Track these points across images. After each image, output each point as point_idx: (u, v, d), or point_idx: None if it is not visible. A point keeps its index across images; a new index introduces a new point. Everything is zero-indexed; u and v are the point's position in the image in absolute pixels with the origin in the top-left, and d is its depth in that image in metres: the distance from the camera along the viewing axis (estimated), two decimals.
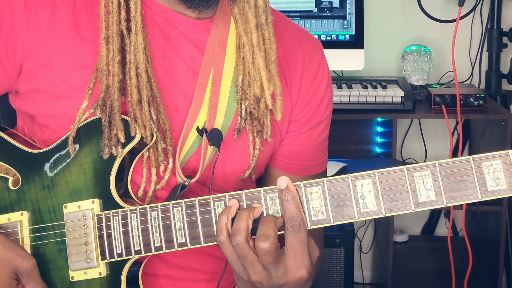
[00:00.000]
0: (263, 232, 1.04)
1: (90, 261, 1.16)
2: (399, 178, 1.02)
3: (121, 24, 1.17)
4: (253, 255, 1.05)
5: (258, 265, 1.06)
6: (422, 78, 2.64)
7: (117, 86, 1.16)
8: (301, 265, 1.06)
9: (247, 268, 1.07)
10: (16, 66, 1.21)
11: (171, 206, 1.12)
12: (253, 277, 1.07)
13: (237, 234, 1.05)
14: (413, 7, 2.66)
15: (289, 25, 1.36)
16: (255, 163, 1.28)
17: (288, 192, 1.05)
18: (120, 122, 1.16)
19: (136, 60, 1.16)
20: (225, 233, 1.06)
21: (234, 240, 1.05)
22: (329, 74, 1.36)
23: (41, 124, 1.23)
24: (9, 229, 1.20)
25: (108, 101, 1.17)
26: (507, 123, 2.39)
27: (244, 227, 1.05)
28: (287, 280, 1.06)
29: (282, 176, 1.07)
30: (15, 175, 1.22)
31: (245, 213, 1.06)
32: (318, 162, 1.38)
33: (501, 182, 0.99)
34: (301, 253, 1.05)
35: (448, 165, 1.01)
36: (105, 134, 1.16)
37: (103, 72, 1.17)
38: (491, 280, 2.60)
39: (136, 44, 1.16)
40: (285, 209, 1.05)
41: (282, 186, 1.06)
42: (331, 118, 1.40)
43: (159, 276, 1.26)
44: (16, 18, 1.19)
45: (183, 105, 1.22)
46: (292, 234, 1.05)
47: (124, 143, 1.16)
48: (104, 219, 1.16)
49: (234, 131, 1.24)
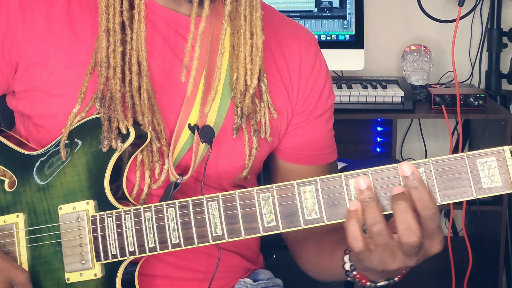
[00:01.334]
0: (407, 226, 0.98)
1: (85, 263, 1.16)
2: (393, 177, 1.01)
3: (123, 15, 1.16)
4: (393, 243, 1.00)
5: (399, 252, 1.01)
6: (422, 78, 2.64)
7: (119, 77, 1.16)
8: (436, 243, 1.02)
9: (386, 258, 1.02)
10: (12, 66, 1.21)
11: (164, 206, 1.12)
12: (392, 266, 1.02)
13: (377, 223, 1.00)
14: (413, 7, 2.65)
15: (284, 20, 1.37)
16: (252, 162, 1.28)
17: (415, 178, 0.98)
18: (122, 113, 1.16)
19: (138, 47, 1.16)
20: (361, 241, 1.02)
21: (376, 229, 1.00)
22: (326, 65, 1.37)
23: (36, 123, 1.23)
24: (5, 231, 1.20)
25: (108, 94, 1.17)
26: (507, 123, 2.38)
27: (381, 217, 1.00)
28: (423, 257, 1.03)
29: (404, 162, 0.99)
30: (11, 178, 1.22)
31: (374, 205, 1.01)
32: (328, 151, 1.38)
33: (496, 179, 0.98)
34: (437, 234, 1.01)
35: (442, 162, 1.00)
36: (104, 127, 1.16)
37: (103, 64, 1.16)
38: (491, 280, 2.59)
39: (138, 31, 1.15)
40: (415, 197, 0.98)
41: (407, 172, 0.99)
42: None
43: (156, 276, 1.26)
44: (12, 18, 1.19)
45: (177, 104, 1.22)
46: (429, 223, 0.99)
47: (123, 138, 1.16)
48: (99, 220, 1.15)
49: (233, 130, 1.24)
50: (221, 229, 1.09)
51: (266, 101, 1.27)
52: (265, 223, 1.07)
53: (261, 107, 1.26)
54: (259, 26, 1.21)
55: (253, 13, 1.21)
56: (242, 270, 1.39)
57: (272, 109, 1.28)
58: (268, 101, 1.27)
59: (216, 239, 1.09)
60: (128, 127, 1.16)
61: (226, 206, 1.09)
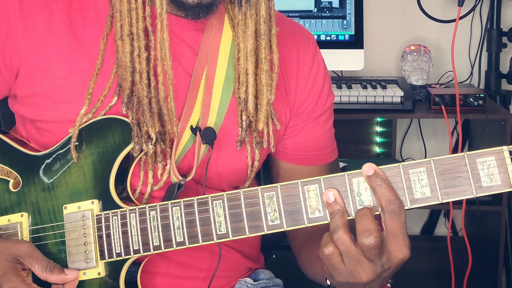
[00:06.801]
0: (364, 228, 1.01)
1: (89, 261, 1.17)
2: (395, 175, 1.03)
3: (146, 21, 1.17)
4: (356, 249, 1.02)
5: (364, 260, 1.03)
6: (421, 78, 2.65)
7: (146, 83, 1.17)
8: (402, 246, 1.03)
9: (354, 268, 1.03)
10: (13, 71, 1.21)
11: (169, 205, 1.13)
12: (364, 277, 1.04)
13: (336, 230, 1.02)
14: (412, 7, 2.66)
15: (281, 19, 1.36)
16: (254, 173, 1.29)
17: (377, 176, 1.02)
18: (150, 118, 1.17)
19: (162, 56, 1.16)
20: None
21: (335, 235, 1.02)
22: (324, 65, 1.38)
23: (40, 128, 1.23)
24: (9, 230, 1.21)
25: (135, 98, 1.18)
26: (507, 123, 2.38)
27: (344, 222, 1.03)
28: (391, 264, 1.04)
29: (367, 163, 1.03)
30: (16, 178, 1.23)
31: (339, 214, 1.03)
32: (328, 151, 1.39)
33: (495, 178, 1.00)
34: (402, 235, 1.02)
35: (443, 161, 1.01)
36: (134, 132, 1.17)
37: (128, 69, 1.17)
38: (490, 280, 2.60)
39: (162, 40, 1.16)
40: (379, 194, 1.02)
41: (370, 172, 1.02)
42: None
43: (159, 274, 1.27)
44: (12, 24, 1.19)
45: (178, 106, 1.22)
46: (393, 218, 1.01)
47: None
48: (104, 219, 1.16)
49: (237, 143, 1.26)
50: (226, 227, 1.10)
51: (270, 112, 1.27)
52: (269, 221, 1.08)
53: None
54: (275, 43, 1.23)
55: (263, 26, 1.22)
56: (243, 270, 1.39)
57: (275, 120, 1.28)
58: (271, 112, 1.27)
59: (220, 237, 1.10)
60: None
61: (231, 205, 1.10)
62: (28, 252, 1.15)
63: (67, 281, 1.15)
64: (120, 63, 1.18)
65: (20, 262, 1.15)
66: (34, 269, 1.15)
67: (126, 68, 1.17)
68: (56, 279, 1.15)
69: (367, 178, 1.03)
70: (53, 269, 1.15)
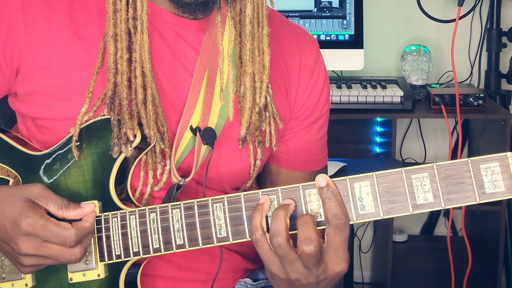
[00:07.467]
0: (306, 236, 1.01)
1: (89, 263, 1.16)
2: (397, 180, 1.02)
3: (129, 22, 1.17)
4: (294, 255, 1.03)
5: (299, 264, 1.03)
6: (421, 78, 2.65)
7: (126, 84, 1.16)
8: (341, 260, 1.04)
9: (286, 266, 1.05)
10: (13, 69, 1.21)
11: (169, 208, 1.12)
12: (292, 275, 1.05)
13: (277, 235, 1.03)
14: (412, 7, 2.66)
15: (285, 22, 1.36)
16: (256, 172, 1.29)
17: (329, 189, 1.03)
18: (129, 121, 1.16)
19: (141, 59, 1.16)
20: (261, 231, 1.05)
21: (275, 241, 1.03)
22: (325, 70, 1.38)
23: (40, 126, 1.23)
24: None
25: (116, 100, 1.17)
26: (507, 123, 2.39)
27: (283, 227, 1.03)
28: (326, 275, 1.05)
29: (320, 174, 1.04)
30: (15, 177, 1.22)
31: (281, 212, 1.04)
32: (318, 158, 1.39)
33: (499, 184, 0.98)
34: (342, 250, 1.03)
35: (446, 167, 1.00)
36: (115, 133, 1.16)
37: (111, 70, 1.17)
38: (490, 280, 2.60)
39: (141, 43, 1.16)
40: (327, 207, 1.02)
41: (322, 184, 1.03)
42: (330, 117, 1.41)
43: (159, 277, 1.26)
44: (13, 21, 1.19)
45: (179, 106, 1.22)
46: (336, 233, 1.02)
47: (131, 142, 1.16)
48: (103, 221, 1.16)
49: (239, 141, 1.25)
50: (226, 230, 1.09)
51: (272, 111, 1.27)
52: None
53: (266, 117, 1.27)
54: (266, 44, 1.22)
55: (260, 30, 1.22)
56: (242, 271, 1.39)
57: (277, 119, 1.28)
58: (273, 111, 1.27)
59: (220, 240, 1.10)
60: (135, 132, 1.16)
61: (231, 208, 1.09)
62: (41, 193, 1.12)
63: (84, 215, 1.13)
64: (105, 63, 1.18)
65: (34, 203, 1.12)
66: (50, 209, 1.12)
67: (110, 69, 1.17)
68: (73, 214, 1.12)
69: (319, 190, 1.04)
70: (69, 205, 1.12)
